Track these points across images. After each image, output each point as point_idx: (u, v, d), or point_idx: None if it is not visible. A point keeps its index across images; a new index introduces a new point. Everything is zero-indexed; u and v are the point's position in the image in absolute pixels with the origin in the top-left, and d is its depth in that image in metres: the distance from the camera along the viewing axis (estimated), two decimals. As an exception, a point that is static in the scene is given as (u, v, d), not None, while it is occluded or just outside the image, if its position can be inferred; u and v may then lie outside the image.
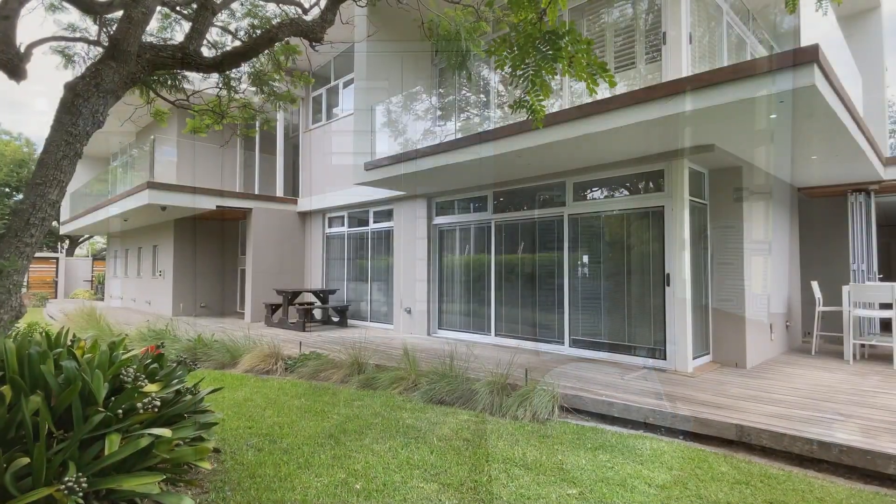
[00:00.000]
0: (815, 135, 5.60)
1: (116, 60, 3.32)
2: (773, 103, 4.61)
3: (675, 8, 6.52)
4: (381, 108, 8.82)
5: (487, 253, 8.77)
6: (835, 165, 7.10)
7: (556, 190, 7.82)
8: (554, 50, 3.29)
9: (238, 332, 8.94)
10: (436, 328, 9.63)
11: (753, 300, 6.83)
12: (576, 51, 3.32)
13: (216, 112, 6.49)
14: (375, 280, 11.14)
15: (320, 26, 3.87)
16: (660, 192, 6.61)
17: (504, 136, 6.30)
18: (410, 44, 9.35)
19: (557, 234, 7.72)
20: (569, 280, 7.51)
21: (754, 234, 6.98)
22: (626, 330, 6.88)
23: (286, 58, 7.66)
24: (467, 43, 3.71)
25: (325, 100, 12.70)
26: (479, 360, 6.49)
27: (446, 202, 9.59)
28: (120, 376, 3.19)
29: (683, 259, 6.26)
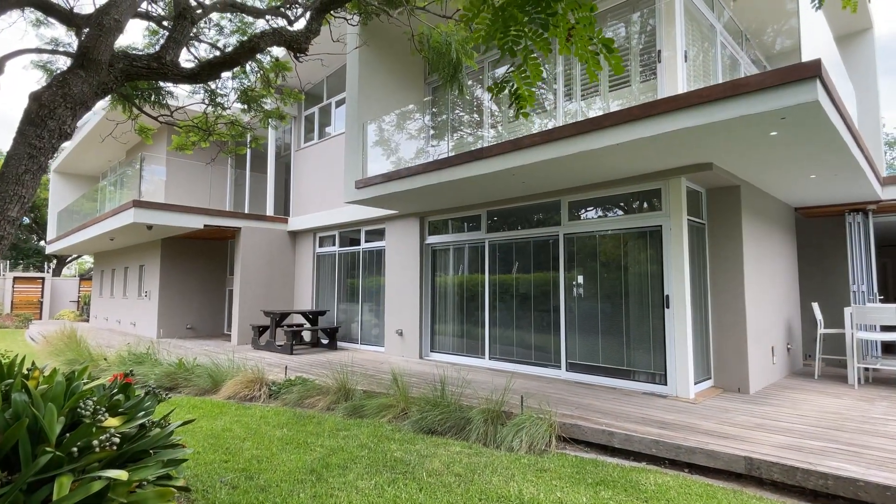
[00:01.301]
0: (815, 153, 5.48)
1: (86, 69, 3.12)
2: (774, 120, 4.48)
3: (669, 26, 6.46)
4: (373, 127, 8.68)
5: (481, 273, 8.55)
6: (834, 185, 6.99)
7: (551, 209, 7.65)
8: (546, 14, 2.62)
9: (222, 356, 8.61)
10: (428, 351, 9.34)
11: (755, 322, 6.63)
12: (577, 19, 2.69)
13: (202, 129, 6.30)
14: (366, 301, 10.87)
15: (305, 37, 3.71)
16: (657, 212, 6.45)
17: (497, 153, 6.14)
18: (403, 62, 9.28)
19: (553, 254, 7.53)
20: (565, 301, 7.29)
21: (754, 254, 6.82)
22: (625, 353, 6.64)
23: (276, 75, 7.53)
24: (458, 54, 3.55)
25: (318, 118, 12.59)
26: (473, 386, 6.21)
27: (439, 221, 9.40)
28: (78, 409, 2.91)
29: (683, 280, 6.07)
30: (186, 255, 13.96)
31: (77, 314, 24.85)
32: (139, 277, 15.17)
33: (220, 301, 14.52)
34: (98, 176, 21.34)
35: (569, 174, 6.45)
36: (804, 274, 9.13)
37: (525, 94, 2.99)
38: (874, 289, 8.37)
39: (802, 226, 9.31)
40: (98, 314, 19.43)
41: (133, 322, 15.24)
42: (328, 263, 12.02)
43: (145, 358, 8.34)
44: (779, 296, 7.77)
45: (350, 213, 10.54)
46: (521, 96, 2.99)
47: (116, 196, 13.87)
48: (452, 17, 4.66)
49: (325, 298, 11.99)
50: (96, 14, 3.07)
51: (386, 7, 4.91)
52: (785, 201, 8.37)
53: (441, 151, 8.32)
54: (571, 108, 7.59)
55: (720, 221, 6.66)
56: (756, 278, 6.81)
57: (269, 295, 12.30)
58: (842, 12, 8.47)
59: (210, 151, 8.87)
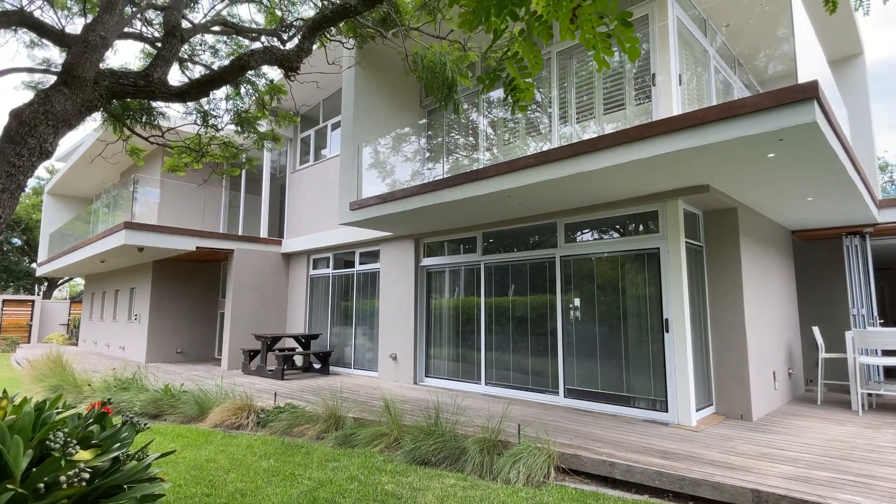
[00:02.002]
0: (813, 175, 5.44)
1: (69, 87, 3.04)
2: (772, 142, 4.44)
3: (663, 50, 6.50)
4: (369, 150, 8.65)
5: (477, 295, 8.41)
6: (831, 207, 6.96)
7: (547, 231, 7.57)
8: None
9: (211, 381, 8.38)
10: (422, 376, 9.13)
11: (756, 347, 6.50)
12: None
13: (194, 150, 6.22)
14: (360, 324, 10.68)
15: (297, 55, 3.66)
16: (654, 234, 6.37)
17: (493, 175, 6.08)
18: (399, 86, 9.31)
19: (549, 277, 7.41)
20: (562, 324, 7.15)
21: (753, 277, 6.73)
22: (625, 379, 6.47)
23: (271, 97, 7.51)
24: (453, 73, 3.49)
25: (314, 141, 12.59)
26: (468, 413, 6.02)
27: (435, 243, 9.30)
28: (47, 442, 2.74)
29: (682, 304, 5.95)
30: (178, 277, 13.77)
31: (66, 338, 24.43)
32: (129, 300, 14.93)
33: (211, 324, 14.27)
34: (92, 198, 21.23)
35: (565, 196, 6.39)
36: (802, 297, 9.04)
37: (522, 86, 2.59)
38: (874, 312, 8.27)
39: (799, 249, 9.26)
40: (87, 338, 19.08)
41: (122, 346, 14.94)
42: (322, 286, 11.85)
43: (131, 384, 8.09)
44: (778, 320, 7.66)
45: (344, 234, 10.44)
46: (518, 87, 2.59)
47: (110, 218, 13.74)
48: (446, 37, 4.64)
49: (318, 322, 11.78)
50: (83, 31, 3.00)
51: (380, 28, 4.90)
52: (782, 224, 8.33)
53: (437, 174, 8.27)
54: (566, 132, 7.59)
55: (718, 244, 6.59)
56: (756, 302, 6.71)
57: (262, 318, 12.08)
58: (833, 37, 8.60)
59: (203, 173, 8.80)
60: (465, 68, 4.05)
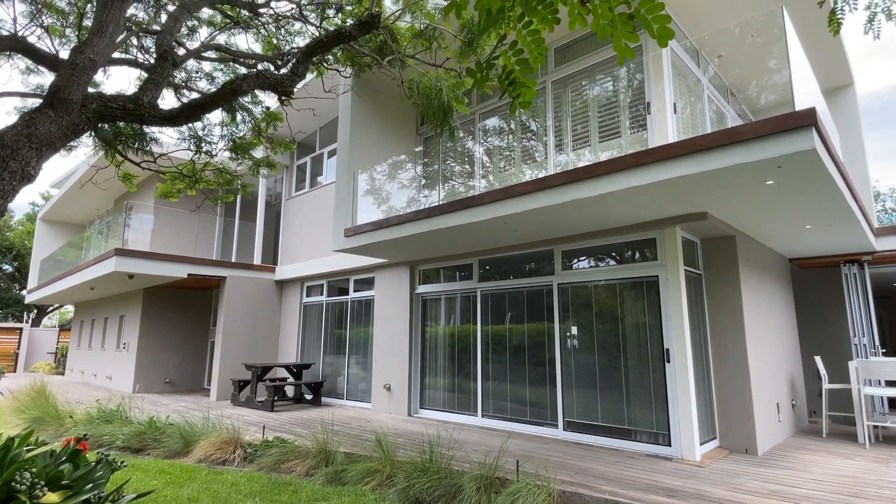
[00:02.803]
0: (811, 202, 5.40)
1: (55, 109, 2.96)
2: (770, 169, 4.40)
3: (657, 79, 6.55)
4: (364, 177, 8.61)
5: (473, 323, 8.25)
6: (829, 235, 6.92)
7: (544, 258, 7.48)
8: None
9: (198, 413, 8.09)
10: (417, 408, 8.87)
11: (758, 377, 6.35)
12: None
13: (187, 176, 6.15)
14: (354, 353, 10.44)
15: (290, 80, 3.62)
16: (653, 262, 6.29)
17: (489, 201, 6.01)
18: (395, 113, 9.35)
19: (547, 305, 7.28)
20: (560, 353, 6.98)
21: (753, 306, 6.62)
22: (626, 411, 6.28)
23: (267, 124, 7.50)
24: (449, 99, 3.45)
25: (310, 168, 12.58)
26: (465, 448, 5.79)
27: (430, 270, 9.18)
28: (12, 483, 2.55)
29: (683, 334, 5.82)
30: (169, 305, 13.53)
31: (53, 367, 23.87)
32: (119, 328, 14.63)
33: (201, 353, 13.96)
34: (86, 224, 21.09)
35: (562, 223, 6.32)
36: (802, 326, 8.92)
37: (521, 80, 2.17)
38: (875, 341, 8.16)
39: (798, 277, 9.20)
40: (74, 367, 18.63)
41: (109, 376, 14.56)
42: (315, 314, 11.65)
43: (114, 416, 7.80)
44: (780, 349, 7.52)
45: (339, 261, 10.31)
46: (517, 82, 2.17)
47: (102, 244, 13.60)
48: (442, 65, 4.63)
49: (311, 351, 11.54)
50: (71, 53, 2.94)
51: (377, 56, 4.90)
52: (780, 252, 8.28)
53: (433, 201, 8.22)
54: (561, 160, 7.59)
55: (717, 272, 6.50)
56: (757, 331, 6.58)
57: (253, 347, 11.83)
58: (823, 68, 8.73)
59: (197, 199, 8.74)
60: (462, 94, 4.02)
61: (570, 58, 7.80)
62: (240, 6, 4.77)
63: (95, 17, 3.04)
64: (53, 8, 5.40)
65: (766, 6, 6.59)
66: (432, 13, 4.78)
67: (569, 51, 7.88)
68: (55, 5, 5.54)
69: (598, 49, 7.44)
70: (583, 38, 7.68)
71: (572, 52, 7.84)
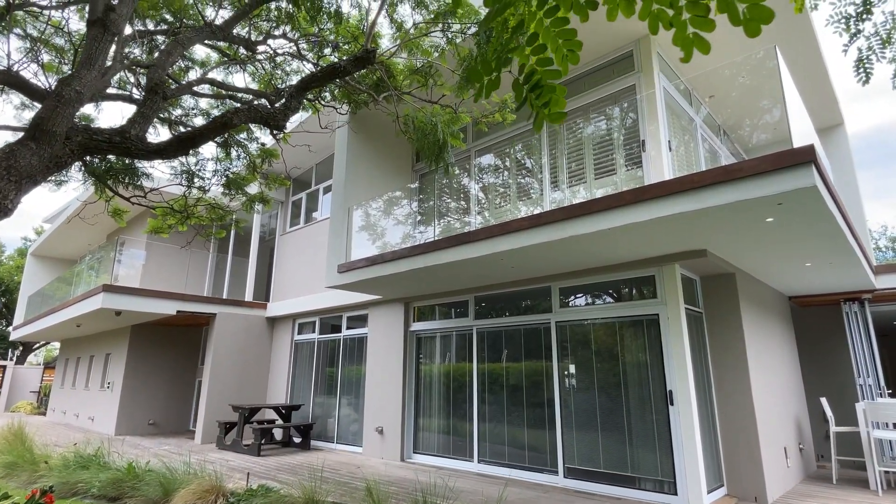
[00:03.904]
0: (811, 240, 5.34)
1: (37, 141, 2.87)
2: (770, 206, 4.34)
3: (651, 118, 6.60)
4: (360, 212, 8.54)
5: (469, 362, 8.01)
6: (829, 273, 6.84)
7: (541, 295, 7.33)
8: None
9: (180, 458, 7.71)
10: (410, 452, 8.50)
11: (765, 420, 6.12)
12: None
13: (178, 212, 6.04)
14: (345, 394, 10.11)
15: (283, 114, 3.56)
16: (653, 300, 6.15)
17: (485, 237, 5.92)
18: (391, 150, 9.37)
19: (545, 343, 7.09)
20: (559, 394, 6.74)
21: (756, 346, 6.46)
22: (629, 456, 6.01)
23: (262, 161, 7.47)
24: (444, 134, 3.39)
25: (305, 204, 12.54)
26: (461, 497, 5.48)
27: (425, 307, 8.99)
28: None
29: (686, 376, 5.63)
30: (157, 343, 13.18)
31: (34, 406, 23.10)
32: (104, 367, 14.20)
33: (188, 393, 13.51)
34: (77, 260, 20.85)
35: (559, 259, 6.22)
36: (805, 366, 8.73)
37: (548, 83, 1.61)
38: (881, 381, 7.96)
39: (797, 316, 9.07)
40: (57, 407, 18.00)
41: (91, 417, 14.03)
42: (306, 352, 11.35)
43: (92, 461, 7.41)
44: (785, 391, 7.31)
45: (332, 298, 10.11)
46: (543, 85, 1.60)
47: (92, 280, 13.34)
48: (438, 101, 4.62)
49: (301, 391, 11.18)
50: (57, 85, 2.88)
51: (373, 92, 4.89)
52: (779, 290, 8.18)
53: (428, 237, 8.13)
54: (557, 197, 7.56)
55: (718, 311, 6.37)
56: (761, 372, 6.40)
57: (241, 387, 11.45)
58: (814, 108, 8.87)
59: (188, 235, 8.62)
60: (457, 130, 3.98)
61: (565, 96, 7.89)
62: (236, 43, 4.79)
63: (85, 50, 2.99)
64: (50, 45, 5.41)
65: (753, 47, 6.72)
66: (429, 49, 4.81)
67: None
68: (52, 42, 5.55)
69: (593, 88, 7.53)
70: (576, 78, 7.80)
71: (567, 90, 7.93)
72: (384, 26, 11.52)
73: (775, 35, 6.91)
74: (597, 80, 7.55)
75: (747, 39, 6.94)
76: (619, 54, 7.27)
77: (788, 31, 6.88)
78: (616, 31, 6.93)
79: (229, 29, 4.20)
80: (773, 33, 6.88)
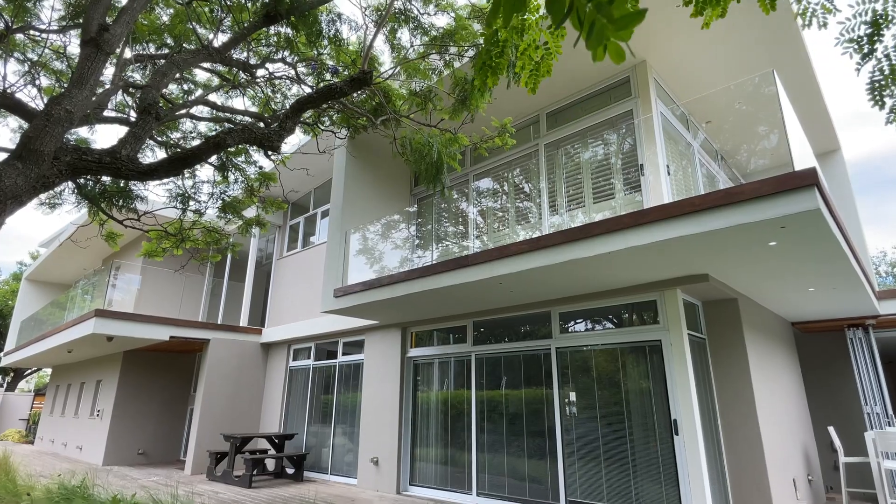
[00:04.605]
0: (814, 264, 5.26)
1: (24, 161, 2.80)
2: (773, 229, 4.27)
3: (649, 142, 6.60)
4: (357, 236, 8.47)
5: (467, 388, 7.81)
6: (832, 298, 6.74)
7: (541, 320, 7.20)
8: None
9: (167, 490, 7.44)
10: (407, 484, 8.22)
11: (772, 450, 5.93)
12: None
13: (172, 235, 5.96)
14: (340, 423, 9.85)
15: (277, 135, 3.51)
16: (655, 325, 6.03)
17: (483, 261, 5.83)
18: (390, 174, 9.37)
19: (545, 369, 6.92)
20: (561, 423, 6.54)
21: (761, 372, 6.31)
22: (633, 488, 5.79)
23: (260, 185, 7.43)
24: (441, 155, 3.34)
25: (303, 228, 12.49)
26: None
27: (423, 332, 8.83)
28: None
29: (691, 404, 5.47)
30: (149, 369, 12.92)
31: (23, 434, 22.57)
32: (94, 394, 13.89)
33: (179, 422, 13.18)
34: (72, 284, 20.67)
35: (559, 283, 6.11)
36: (810, 394, 8.55)
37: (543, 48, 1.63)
38: (888, 410, 7.77)
39: (800, 342, 8.93)
40: (45, 435, 17.56)
41: (79, 446, 13.65)
42: (301, 379, 11.12)
43: (76, 493, 7.12)
44: (792, 420, 7.13)
45: (329, 323, 9.95)
46: None
47: (86, 304, 13.17)
48: (437, 125, 4.59)
49: (295, 419, 10.90)
50: (47, 104, 2.82)
51: (371, 115, 4.87)
52: (782, 315, 8.07)
53: (426, 261, 8.04)
54: (556, 221, 7.52)
55: (721, 336, 6.24)
56: (767, 400, 6.24)
57: (234, 415, 11.17)
58: (811, 134, 8.91)
59: (183, 259, 8.53)
60: (455, 152, 3.93)
61: (562, 122, 7.93)
62: (233, 66, 4.79)
63: (77, 69, 2.95)
64: (48, 68, 5.41)
65: (747, 72, 6.77)
66: (427, 72, 4.82)
67: (560, 115, 8.03)
68: (50, 66, 5.56)
69: (590, 113, 7.57)
70: (573, 104, 7.84)
71: (564, 116, 7.98)
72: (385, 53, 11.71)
73: (767, 61, 6.97)
74: (594, 105, 7.60)
75: (744, 65, 7.02)
76: (615, 80, 7.33)
77: (782, 55, 6.95)
78: (613, 58, 6.98)
79: (226, 51, 4.20)
80: (766, 57, 6.95)
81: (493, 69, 1.90)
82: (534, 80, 2.37)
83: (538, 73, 2.39)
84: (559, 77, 7.39)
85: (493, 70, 1.94)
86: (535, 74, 2.36)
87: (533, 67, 2.28)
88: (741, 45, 6.75)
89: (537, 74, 2.43)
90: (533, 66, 2.26)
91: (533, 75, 2.35)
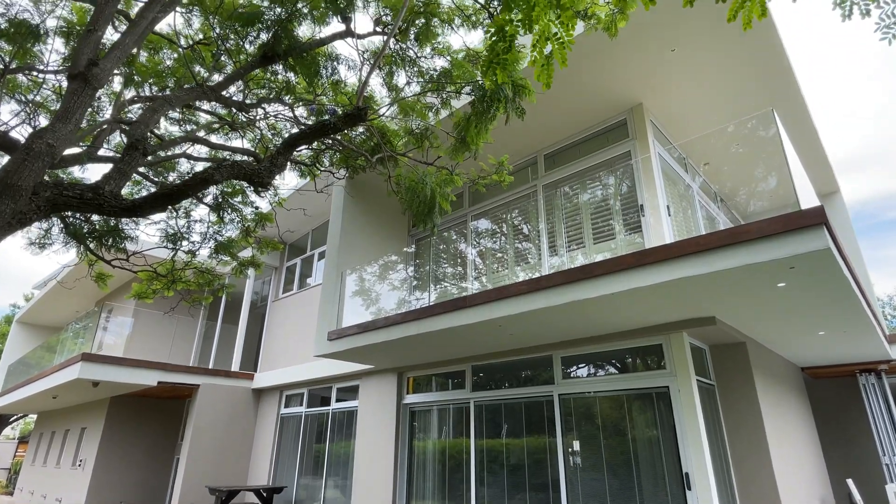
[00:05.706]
0: (824, 306, 5.08)
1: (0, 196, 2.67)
2: (781, 270, 4.12)
3: (649, 184, 6.56)
4: (353, 277, 8.30)
5: (466, 437, 7.43)
6: (842, 342, 6.51)
7: (542, 365, 6.93)
8: None
9: (145, 550, 6.94)
10: (402, 541, 7.71)
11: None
12: None
13: (162, 276, 5.80)
14: (332, 474, 9.35)
15: (268, 171, 3.41)
16: (662, 371, 5.78)
17: (482, 302, 5.64)
18: (387, 216, 9.30)
19: (548, 417, 6.59)
20: (565, 474, 6.17)
21: (773, 421, 6.01)
22: (644, 550, 5.38)
23: (256, 225, 7.34)
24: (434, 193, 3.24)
25: (299, 269, 12.34)
26: None
27: (420, 377, 8.51)
28: None
29: (703, 455, 5.15)
30: (136, 416, 12.44)
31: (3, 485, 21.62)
32: (78, 443, 13.33)
33: (165, 472, 12.58)
34: (63, 327, 20.31)
35: (560, 326, 5.90)
36: (825, 444, 8.16)
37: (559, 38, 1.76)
38: (909, 461, 7.39)
39: (811, 388, 8.61)
40: (25, 486, 16.78)
41: (58, 498, 12.98)
42: (292, 427, 10.67)
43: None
44: (808, 471, 6.75)
45: (322, 368, 9.63)
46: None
47: (77, 347, 12.83)
48: (434, 163, 4.52)
49: (285, 470, 10.38)
50: (28, 138, 2.73)
51: (368, 154, 4.82)
52: (791, 360, 7.80)
53: (424, 303, 7.84)
54: (555, 262, 7.38)
55: (731, 382, 5.97)
56: (782, 450, 5.91)
57: (222, 465, 10.65)
58: (810, 175, 8.91)
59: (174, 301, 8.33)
60: (449, 192, 3.84)
61: (560, 163, 7.93)
62: (227, 104, 4.78)
63: (62, 103, 2.89)
64: (44, 107, 5.40)
65: (742, 116, 6.80)
66: (424, 112, 4.81)
67: (558, 156, 8.04)
68: (48, 107, 5.56)
69: (588, 155, 7.58)
70: (571, 146, 7.87)
71: (562, 157, 7.99)
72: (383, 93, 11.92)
73: (763, 103, 7.02)
74: (592, 146, 7.61)
75: (739, 109, 7.07)
76: (613, 122, 7.37)
77: (777, 98, 7.01)
78: (609, 99, 7.05)
79: (221, 90, 4.18)
80: (762, 99, 7.01)
81: (501, 65, 1.91)
82: (546, 73, 2.34)
83: (549, 66, 2.34)
84: (556, 119, 7.44)
85: (503, 66, 1.94)
86: (547, 67, 2.32)
87: (544, 62, 2.25)
88: (736, 90, 6.82)
89: (549, 67, 2.38)
90: (544, 61, 2.24)
91: (545, 69, 2.31)
